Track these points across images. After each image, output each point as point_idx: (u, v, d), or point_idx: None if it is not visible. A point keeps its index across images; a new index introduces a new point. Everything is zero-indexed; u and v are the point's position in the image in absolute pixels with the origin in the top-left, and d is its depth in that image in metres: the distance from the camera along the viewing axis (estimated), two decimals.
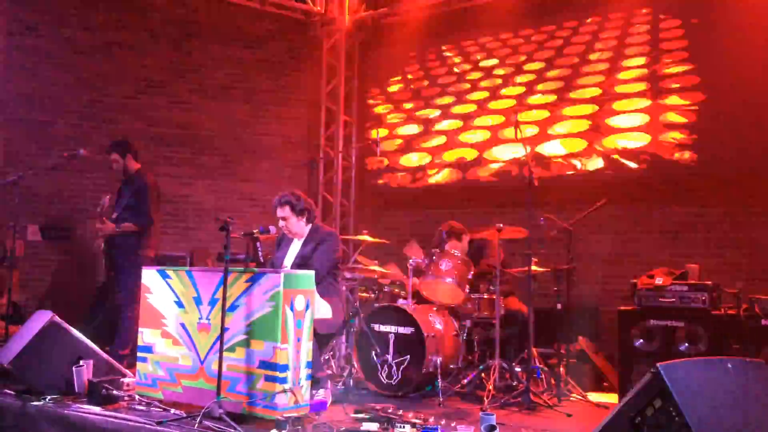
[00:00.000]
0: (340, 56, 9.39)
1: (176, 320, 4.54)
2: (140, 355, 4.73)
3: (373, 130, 9.30)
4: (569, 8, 8.18)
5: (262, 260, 4.88)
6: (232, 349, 4.19)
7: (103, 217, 6.10)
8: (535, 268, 5.36)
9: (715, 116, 7.01)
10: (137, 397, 4.56)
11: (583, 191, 7.43)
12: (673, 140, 7.22)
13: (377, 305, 5.80)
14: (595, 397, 5.52)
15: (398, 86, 9.41)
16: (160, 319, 4.63)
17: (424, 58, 9.27)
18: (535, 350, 5.40)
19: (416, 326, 5.32)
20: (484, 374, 5.44)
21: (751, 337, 4.96)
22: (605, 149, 7.63)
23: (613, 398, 5.49)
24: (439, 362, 5.27)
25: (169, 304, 4.60)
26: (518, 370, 5.41)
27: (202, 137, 8.98)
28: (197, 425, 3.86)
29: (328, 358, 5.91)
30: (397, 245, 6.88)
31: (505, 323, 5.59)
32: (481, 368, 5.47)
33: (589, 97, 7.82)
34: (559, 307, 5.52)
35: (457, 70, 8.91)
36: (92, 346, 4.94)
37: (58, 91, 8.47)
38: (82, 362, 4.73)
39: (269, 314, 4.07)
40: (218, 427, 3.83)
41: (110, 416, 4.13)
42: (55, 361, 4.72)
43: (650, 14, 7.60)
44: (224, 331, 4.09)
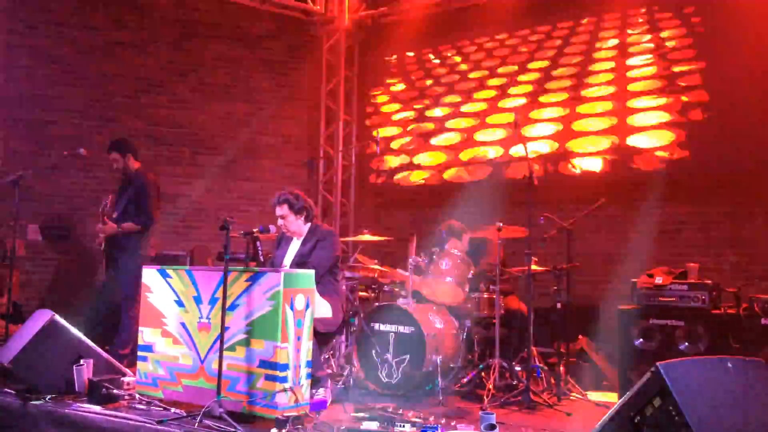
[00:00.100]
0: (339, 55, 9.39)
1: (176, 319, 4.54)
2: (140, 354, 4.73)
3: (373, 129, 9.31)
4: (569, 8, 8.18)
5: (262, 259, 4.89)
6: (232, 348, 4.19)
7: (104, 217, 6.11)
8: (535, 267, 5.36)
9: (715, 115, 7.00)
10: (137, 396, 4.56)
11: (582, 190, 7.43)
12: (672, 139, 7.22)
13: (377, 304, 5.80)
14: (594, 396, 5.52)
15: (398, 86, 9.41)
16: (160, 318, 4.63)
17: (423, 57, 9.28)
18: (534, 349, 5.40)
19: (416, 325, 5.32)
20: (484, 373, 5.44)
21: (750, 336, 4.96)
22: (605, 148, 7.62)
23: (612, 397, 5.48)
24: (439, 361, 5.27)
25: (169, 303, 4.60)
26: (518, 369, 5.40)
27: (202, 136, 8.98)
28: (197, 424, 3.86)
29: (328, 357, 5.90)
30: (397, 244, 6.88)
31: (505, 322, 5.60)
32: (481, 367, 5.47)
33: (589, 96, 7.81)
34: (558, 306, 5.52)
35: (462, 68, 8.91)
36: (92, 345, 4.94)
37: (58, 90, 8.47)
38: (82, 361, 4.73)
39: (269, 313, 4.07)
40: (218, 426, 3.84)
41: (110, 415, 4.13)
42: (55, 360, 4.72)
43: (651, 13, 7.60)
44: (224, 330, 4.09)
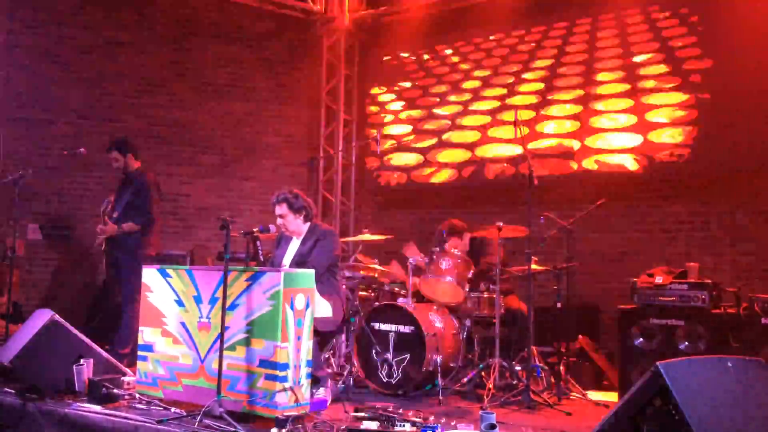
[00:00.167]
0: (339, 55, 9.38)
1: (176, 319, 4.54)
2: (140, 353, 4.73)
3: (373, 128, 9.31)
4: (569, 7, 8.17)
5: (262, 259, 4.89)
6: (232, 347, 4.19)
7: (104, 217, 6.11)
8: (535, 266, 5.36)
9: (715, 114, 7.00)
10: (137, 395, 4.56)
11: (582, 190, 7.43)
12: (672, 138, 7.22)
13: (377, 304, 5.80)
14: (595, 395, 5.51)
15: (398, 85, 9.40)
16: (160, 317, 4.63)
17: (423, 56, 9.27)
18: (534, 349, 5.40)
19: (416, 325, 5.32)
20: (484, 373, 5.44)
21: (750, 335, 4.96)
22: (605, 148, 7.62)
23: (613, 397, 5.49)
24: (439, 361, 5.27)
25: (169, 302, 4.60)
26: (518, 368, 5.40)
27: (202, 136, 8.98)
28: (197, 424, 3.86)
29: (328, 356, 5.91)
30: (397, 244, 6.88)
31: (505, 322, 5.60)
32: (481, 367, 5.47)
33: (589, 95, 7.81)
34: (558, 305, 5.52)
35: (463, 67, 8.91)
36: (92, 344, 4.94)
37: (58, 89, 8.47)
38: (82, 361, 4.73)
39: (269, 313, 4.07)
40: (218, 425, 3.83)
41: (110, 415, 4.13)
42: (55, 359, 4.72)
43: (651, 13, 7.59)
44: (224, 329, 4.09)
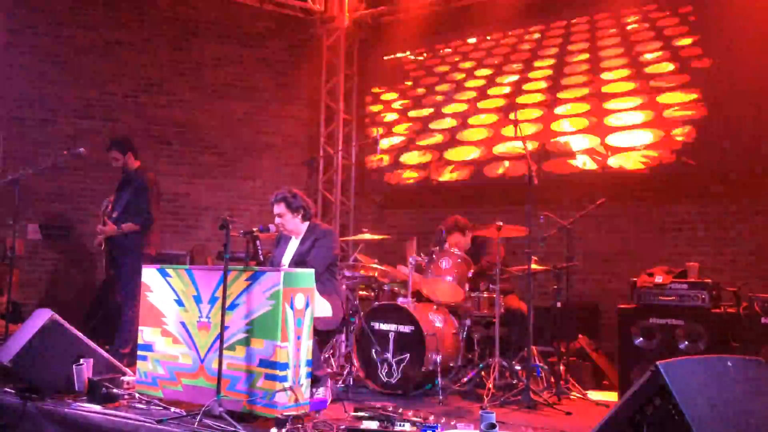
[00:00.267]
0: (339, 54, 9.37)
1: (176, 319, 4.54)
2: (140, 353, 4.72)
3: (372, 128, 9.30)
4: (568, 6, 8.18)
5: (262, 258, 4.88)
6: (232, 347, 4.19)
7: (104, 217, 6.10)
8: (534, 266, 5.36)
9: (715, 114, 6.99)
10: (137, 395, 4.56)
11: (582, 189, 7.43)
12: (672, 138, 7.21)
13: (377, 303, 5.80)
14: (594, 395, 5.52)
15: (398, 84, 9.40)
16: (160, 317, 4.63)
17: (423, 55, 9.27)
18: (534, 348, 5.39)
19: (416, 324, 5.32)
20: (483, 372, 5.44)
21: (750, 335, 4.96)
22: (605, 147, 7.61)
23: (612, 396, 5.49)
24: (438, 360, 5.27)
25: (169, 302, 4.59)
26: (518, 368, 5.39)
27: (201, 136, 8.98)
28: (197, 424, 3.86)
29: (328, 356, 5.91)
30: (397, 244, 6.89)
31: (504, 321, 5.59)
32: (480, 366, 5.47)
33: (589, 94, 7.81)
34: (558, 305, 5.52)
35: (463, 66, 8.91)
36: (92, 344, 4.93)
37: (57, 89, 8.47)
38: (82, 361, 4.72)
39: (269, 312, 4.07)
40: (218, 425, 3.83)
41: (110, 415, 4.12)
42: (55, 359, 4.71)
43: (650, 12, 7.59)
44: (224, 329, 4.09)
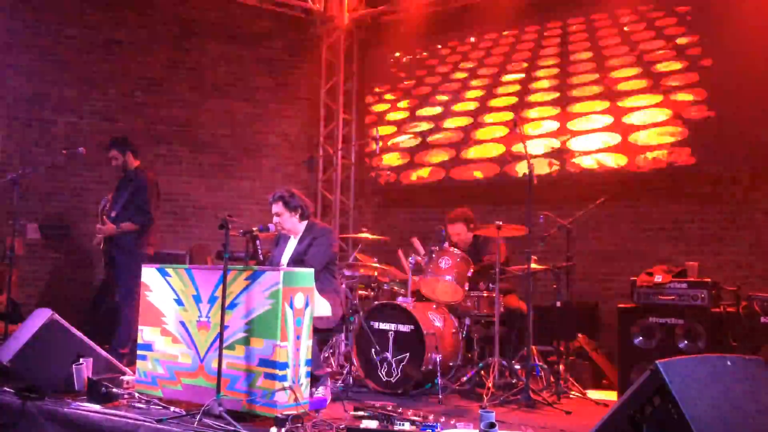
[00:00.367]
0: (339, 54, 9.37)
1: (176, 318, 4.54)
2: (140, 353, 4.72)
3: (372, 128, 9.30)
4: (569, 5, 8.18)
5: (261, 258, 4.89)
6: (231, 347, 4.19)
7: (103, 216, 6.10)
8: (534, 265, 5.36)
9: (715, 115, 7.00)
10: (137, 395, 4.55)
11: (582, 189, 7.43)
12: (673, 138, 7.22)
13: (377, 303, 5.80)
14: (594, 394, 5.52)
15: (397, 84, 9.40)
16: (159, 317, 4.63)
17: (423, 55, 9.27)
18: (534, 348, 5.39)
19: (416, 324, 5.32)
20: (483, 372, 5.43)
21: (750, 334, 4.97)
22: (605, 147, 7.62)
23: (612, 396, 5.49)
24: (438, 360, 5.27)
25: (168, 302, 4.59)
26: (518, 367, 5.39)
27: (201, 135, 8.98)
28: (197, 423, 3.85)
29: (327, 355, 5.91)
30: (396, 243, 6.88)
31: (504, 321, 5.59)
32: (480, 366, 5.47)
33: (589, 94, 7.81)
34: (558, 304, 5.53)
35: (463, 66, 8.91)
36: (92, 344, 4.93)
37: (57, 89, 8.47)
38: (81, 360, 4.72)
39: (269, 312, 4.07)
40: (218, 424, 3.83)
41: (110, 414, 4.12)
42: (54, 359, 4.71)
43: (650, 11, 7.60)
44: (224, 329, 4.09)
